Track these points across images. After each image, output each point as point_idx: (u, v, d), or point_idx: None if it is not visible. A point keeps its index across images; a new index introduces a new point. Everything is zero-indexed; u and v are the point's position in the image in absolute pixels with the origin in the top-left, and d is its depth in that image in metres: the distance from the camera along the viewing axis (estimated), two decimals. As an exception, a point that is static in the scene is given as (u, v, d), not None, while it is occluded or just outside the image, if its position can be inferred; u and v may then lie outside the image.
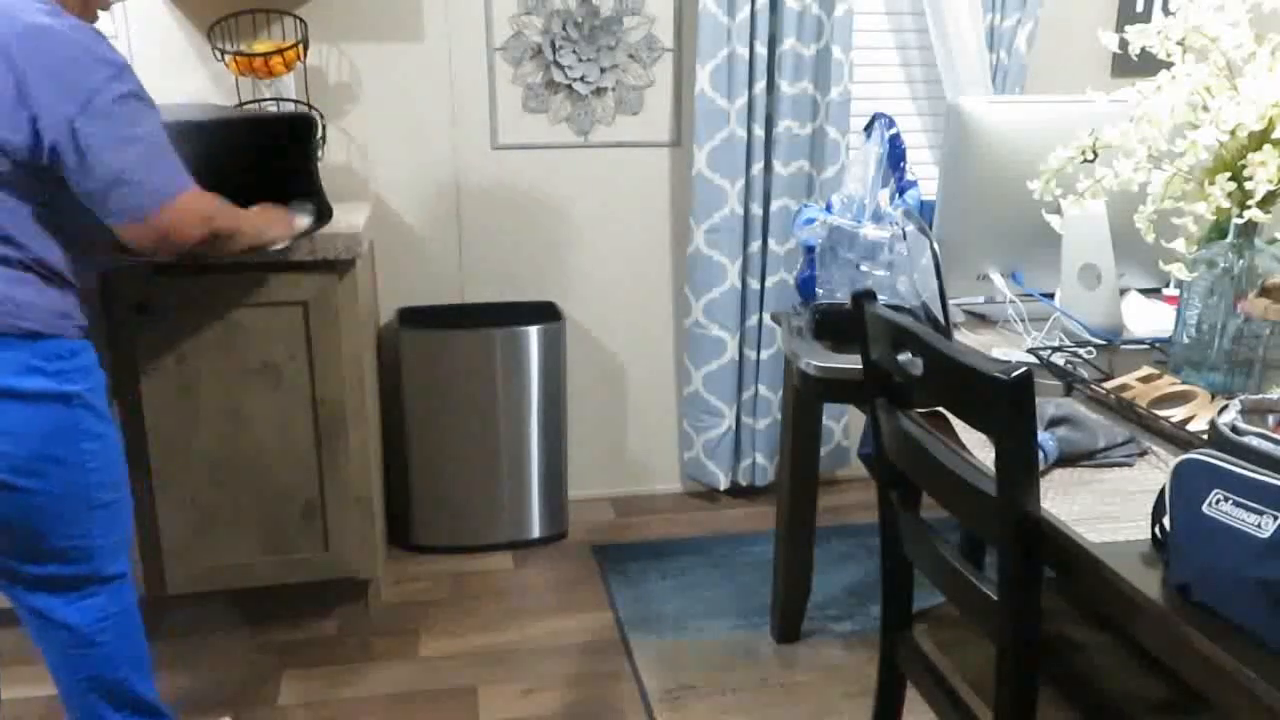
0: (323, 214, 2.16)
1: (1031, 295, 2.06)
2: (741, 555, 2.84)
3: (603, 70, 2.83)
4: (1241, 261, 1.58)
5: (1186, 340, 1.66)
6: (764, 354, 3.05)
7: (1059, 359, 1.82)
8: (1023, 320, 2.00)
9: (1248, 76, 1.51)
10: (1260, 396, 1.24)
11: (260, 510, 2.34)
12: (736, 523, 3.05)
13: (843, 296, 2.12)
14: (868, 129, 2.21)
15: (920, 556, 1.49)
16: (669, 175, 2.98)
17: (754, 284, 2.99)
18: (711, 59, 2.76)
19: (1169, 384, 1.61)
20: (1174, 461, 1.09)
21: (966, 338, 2.02)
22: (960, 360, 1.23)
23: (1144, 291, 2.12)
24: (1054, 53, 3.04)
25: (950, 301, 1.90)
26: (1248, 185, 1.47)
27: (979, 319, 2.15)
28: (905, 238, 2.01)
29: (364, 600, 2.53)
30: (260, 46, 2.51)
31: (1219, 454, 1.06)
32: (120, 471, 1.66)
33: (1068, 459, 1.42)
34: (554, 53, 2.79)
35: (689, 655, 2.38)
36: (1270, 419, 1.23)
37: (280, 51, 2.48)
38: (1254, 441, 1.06)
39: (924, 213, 2.06)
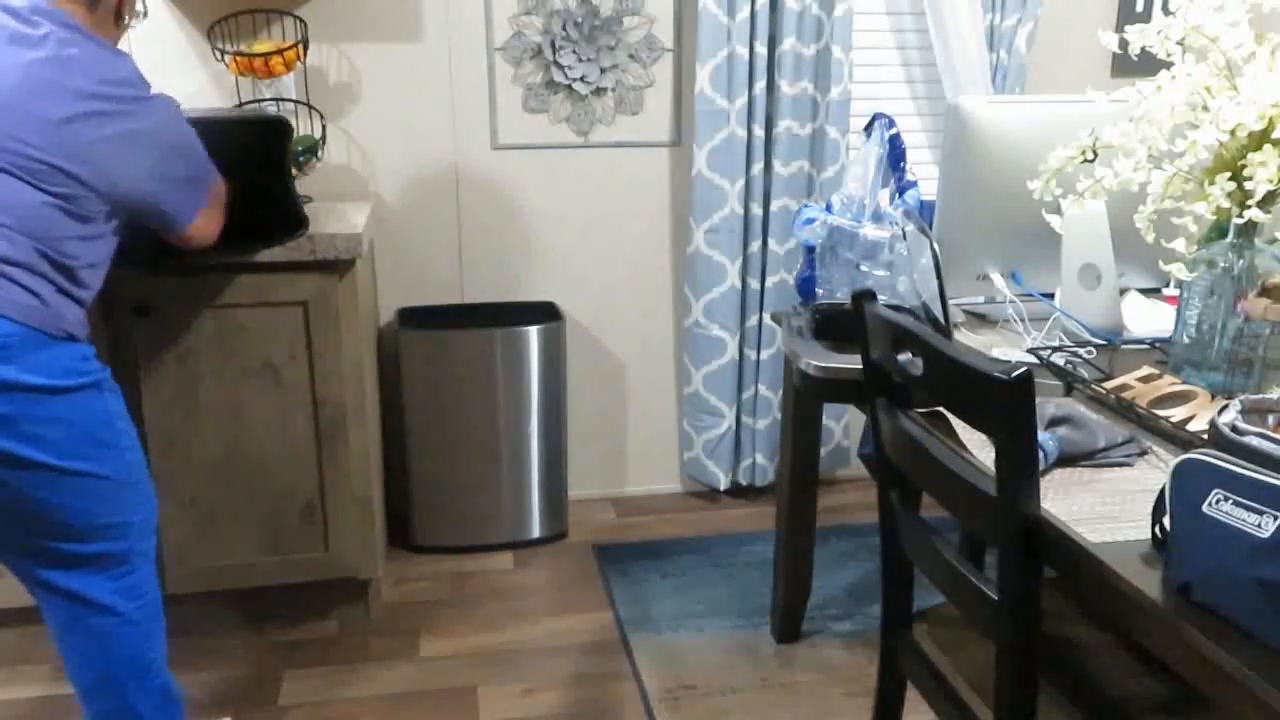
0: (288, 225, 2.16)
1: (1031, 295, 2.06)
2: (741, 555, 2.84)
3: (603, 70, 2.83)
4: (1241, 261, 1.58)
5: (1186, 340, 1.66)
6: (764, 354, 3.05)
7: (1059, 359, 1.82)
8: (1023, 320, 2.00)
9: (1248, 76, 1.51)
10: (1260, 396, 1.24)
11: (260, 510, 2.34)
12: (736, 523, 3.05)
13: (843, 296, 2.12)
14: (868, 129, 2.21)
15: (920, 556, 1.49)
16: (669, 175, 2.98)
17: (754, 284, 2.99)
18: (711, 59, 2.76)
19: (1169, 384, 1.61)
20: (1174, 461, 1.09)
21: (966, 338, 2.02)
22: (960, 360, 1.23)
23: (1144, 291, 2.12)
24: (1054, 53, 3.04)
25: (950, 301, 1.89)
26: (1248, 185, 1.47)
27: (979, 319, 2.15)
28: (905, 238, 2.01)
29: (364, 600, 2.53)
30: (260, 46, 2.51)
31: (1219, 454, 1.06)
32: (141, 451, 1.75)
33: (1068, 459, 1.42)
34: (554, 53, 2.79)
35: (689, 655, 2.38)
36: (1270, 419, 1.23)
37: (280, 51, 2.48)
38: (1254, 441, 1.06)
39: (924, 213, 2.06)
